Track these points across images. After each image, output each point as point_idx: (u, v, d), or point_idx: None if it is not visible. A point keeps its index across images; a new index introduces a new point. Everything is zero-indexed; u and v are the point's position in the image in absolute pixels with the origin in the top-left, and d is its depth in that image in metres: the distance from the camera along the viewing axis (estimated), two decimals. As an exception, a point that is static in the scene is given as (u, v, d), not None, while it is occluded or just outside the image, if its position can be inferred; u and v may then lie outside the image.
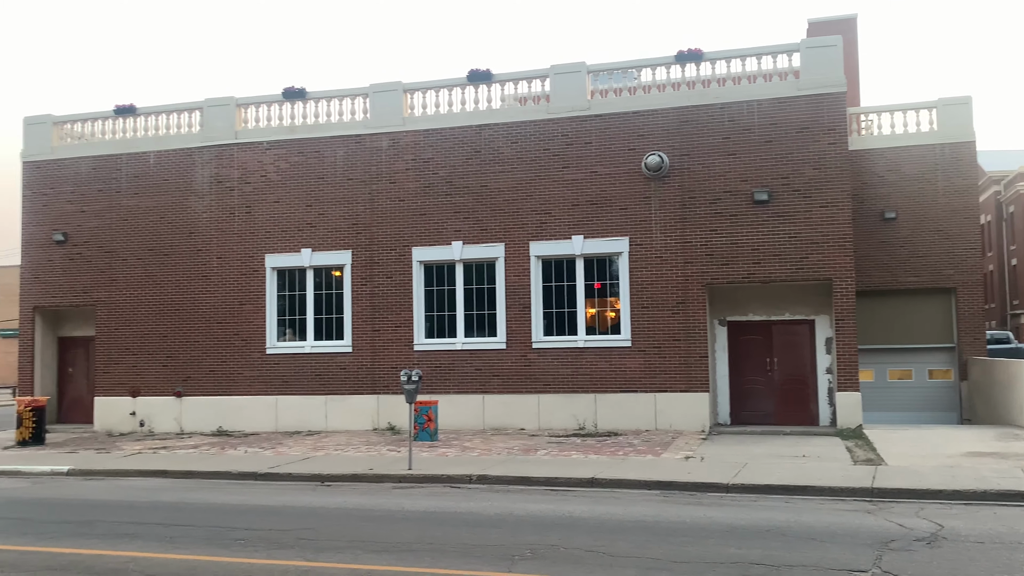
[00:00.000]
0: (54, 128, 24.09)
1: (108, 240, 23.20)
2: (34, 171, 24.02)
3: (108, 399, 22.93)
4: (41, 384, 23.99)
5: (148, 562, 8.56)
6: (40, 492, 13.91)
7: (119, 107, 23.48)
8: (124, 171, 23.22)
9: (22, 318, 24.23)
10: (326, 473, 14.47)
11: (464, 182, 20.92)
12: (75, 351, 24.59)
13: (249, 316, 22.14)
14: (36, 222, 23.88)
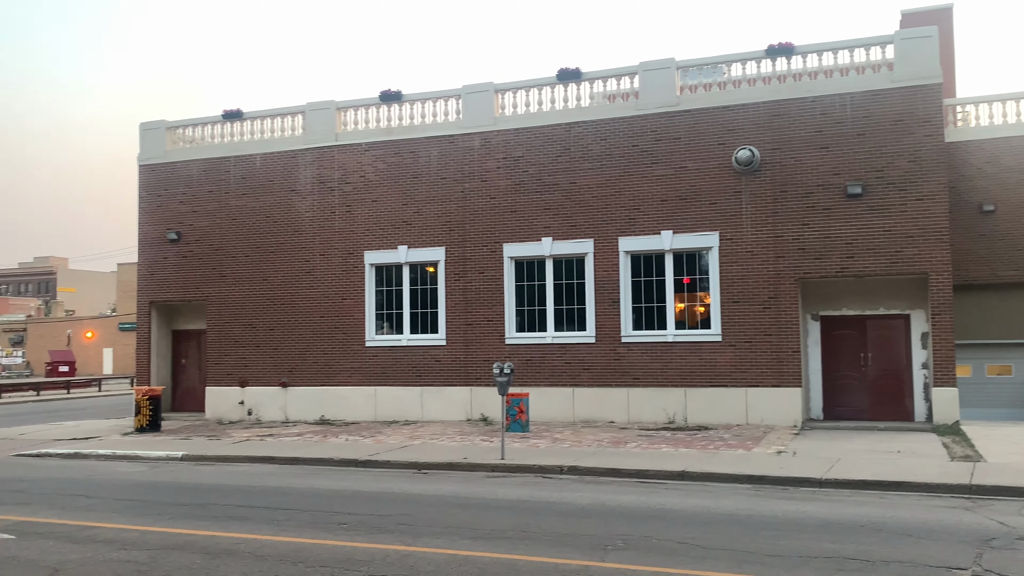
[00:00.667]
0: (167, 133, 25.08)
1: (218, 238, 24.04)
2: (149, 174, 25.06)
3: (218, 389, 23.79)
4: (157, 374, 25.03)
5: (258, 543, 8.86)
6: (157, 476, 14.53)
7: (227, 112, 24.30)
8: (232, 173, 24.02)
9: (139, 312, 25.32)
10: (422, 461, 14.70)
11: (554, 179, 20.93)
12: (188, 343, 25.58)
13: (349, 310, 22.65)
14: (151, 222, 24.91)
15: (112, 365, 72.30)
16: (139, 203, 25.15)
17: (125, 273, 74.33)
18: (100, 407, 33.51)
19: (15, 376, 68.79)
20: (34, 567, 8.01)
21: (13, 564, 8.14)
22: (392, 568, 7.76)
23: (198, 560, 8.16)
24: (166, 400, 24.43)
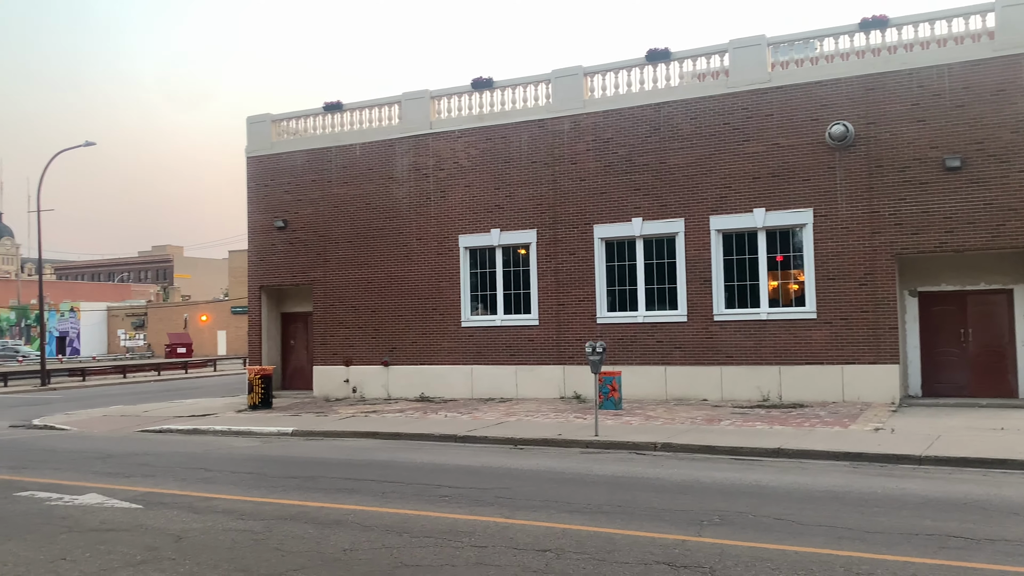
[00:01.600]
0: (272, 126, 25.77)
1: (322, 225, 24.62)
2: (257, 165, 25.81)
3: (325, 368, 24.44)
4: (267, 355, 25.87)
5: (365, 515, 9.08)
6: (269, 450, 15.03)
7: (328, 104, 24.80)
8: (334, 162, 24.54)
9: (250, 296, 26.18)
10: (518, 437, 14.79)
11: (643, 160, 20.66)
12: (295, 325, 26.34)
13: (445, 292, 22.91)
14: (260, 211, 25.68)
15: (226, 346, 75.09)
16: (248, 193, 25.94)
17: (236, 260, 76.97)
18: (215, 386, 34.87)
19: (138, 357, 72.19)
20: (160, 534, 8.39)
21: (141, 531, 8.55)
22: (493, 539, 7.84)
23: (310, 530, 8.41)
24: (276, 379, 25.24)
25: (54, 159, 39.45)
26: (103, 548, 7.89)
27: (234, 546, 7.86)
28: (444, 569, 6.96)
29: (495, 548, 7.55)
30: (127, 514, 9.42)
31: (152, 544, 7.98)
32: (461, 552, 7.44)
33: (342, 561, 7.27)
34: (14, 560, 7.53)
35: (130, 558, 7.51)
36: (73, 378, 41.63)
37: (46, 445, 16.49)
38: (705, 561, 6.98)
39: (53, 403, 27.96)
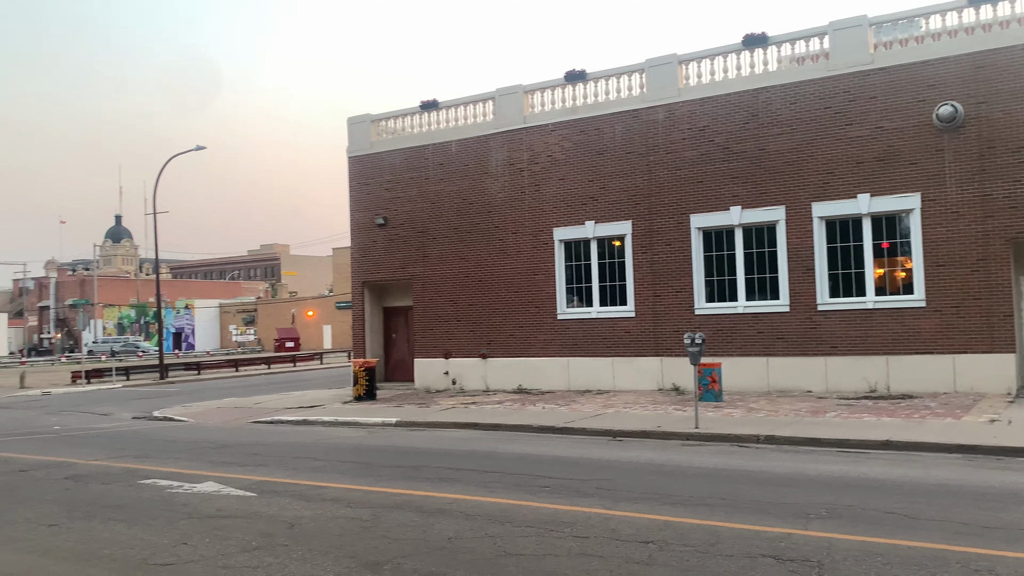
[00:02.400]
0: (372, 126, 26.28)
1: (420, 221, 25.00)
2: (357, 164, 26.39)
3: (425, 360, 24.83)
4: (371, 348, 26.44)
5: (467, 503, 9.18)
6: (375, 440, 15.37)
7: (424, 103, 25.14)
8: (431, 160, 24.87)
9: (353, 292, 26.81)
10: (617, 429, 14.70)
11: (741, 147, 20.19)
12: (397, 319, 26.83)
13: (541, 285, 22.94)
14: (361, 209, 26.25)
15: (331, 340, 77.21)
16: (349, 192, 26.54)
17: (340, 256, 78.97)
18: (322, 378, 35.88)
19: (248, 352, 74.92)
20: (273, 521, 8.68)
21: (256, 518, 8.87)
22: (594, 530, 7.82)
23: (415, 518, 8.56)
24: (379, 371, 25.78)
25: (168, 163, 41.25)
26: (220, 534, 8.21)
27: (343, 533, 8.08)
28: (547, 559, 6.98)
29: (597, 539, 7.52)
30: (242, 502, 9.79)
31: (266, 531, 8.27)
32: (563, 542, 7.45)
33: (447, 549, 7.38)
34: (140, 544, 7.92)
35: (246, 544, 7.79)
36: (189, 372, 43.54)
37: (166, 435, 17.29)
38: (812, 555, 6.79)
39: (171, 396, 29.29)
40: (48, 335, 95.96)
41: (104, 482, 11.49)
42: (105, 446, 15.68)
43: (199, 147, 39.51)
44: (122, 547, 7.83)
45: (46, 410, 25.03)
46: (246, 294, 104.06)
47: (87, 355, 63.49)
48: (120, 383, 37.44)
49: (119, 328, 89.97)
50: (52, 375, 46.97)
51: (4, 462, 13.79)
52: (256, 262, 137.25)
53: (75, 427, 19.76)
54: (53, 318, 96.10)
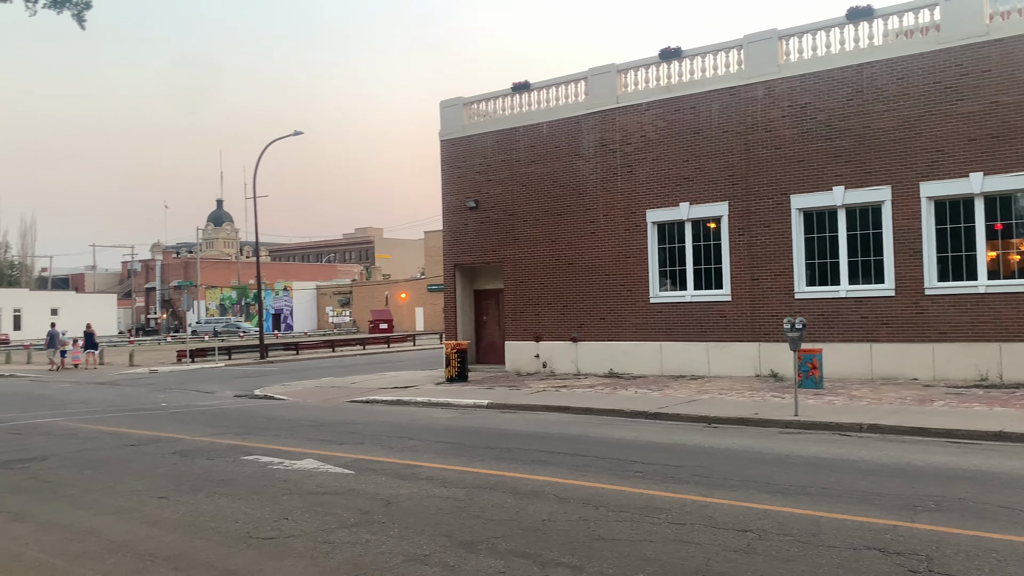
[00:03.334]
0: (464, 109, 26.44)
1: (511, 204, 25.07)
2: (450, 148, 26.62)
3: (516, 343, 24.96)
4: (462, 330, 26.72)
5: (560, 487, 9.20)
6: (467, 422, 15.55)
7: (516, 84, 25.14)
8: (522, 142, 24.88)
9: (445, 275, 27.12)
10: (712, 415, 14.48)
11: (844, 124, 19.50)
12: (488, 301, 27.04)
13: (633, 268, 22.73)
14: (453, 192, 26.49)
15: (423, 322, 78.41)
16: (441, 175, 26.81)
17: (431, 240, 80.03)
18: (414, 360, 36.50)
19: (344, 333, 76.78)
20: (371, 499, 8.89)
21: (353, 496, 9.09)
22: (690, 517, 7.73)
23: (509, 500, 8.63)
24: (471, 353, 26.03)
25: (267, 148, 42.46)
26: (320, 510, 8.45)
27: (438, 512, 8.21)
28: (642, 544, 6.94)
29: (693, 526, 7.44)
30: (340, 479, 10.06)
31: (363, 508, 8.47)
32: (658, 528, 7.39)
33: (540, 531, 7.41)
34: (244, 518, 8.22)
35: (344, 520, 8.00)
36: (287, 352, 44.91)
37: (266, 413, 17.89)
38: (921, 548, 6.55)
39: (271, 375, 30.28)
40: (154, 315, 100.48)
41: (209, 457, 11.98)
42: (209, 423, 16.34)
43: (297, 132, 40.54)
44: (227, 520, 8.14)
45: (154, 388, 26.23)
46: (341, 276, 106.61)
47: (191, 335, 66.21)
48: (223, 362, 38.91)
49: (221, 309, 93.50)
50: (158, 354, 49.18)
51: (117, 436, 14.52)
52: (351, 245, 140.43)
53: (181, 404, 20.65)
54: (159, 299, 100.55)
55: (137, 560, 6.90)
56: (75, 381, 30.02)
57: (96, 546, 7.37)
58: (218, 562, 6.78)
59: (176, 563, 6.79)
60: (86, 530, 7.92)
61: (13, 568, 6.80)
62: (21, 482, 10.45)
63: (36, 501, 9.28)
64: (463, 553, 6.81)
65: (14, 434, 15.18)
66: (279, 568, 6.59)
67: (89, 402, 21.61)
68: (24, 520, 8.42)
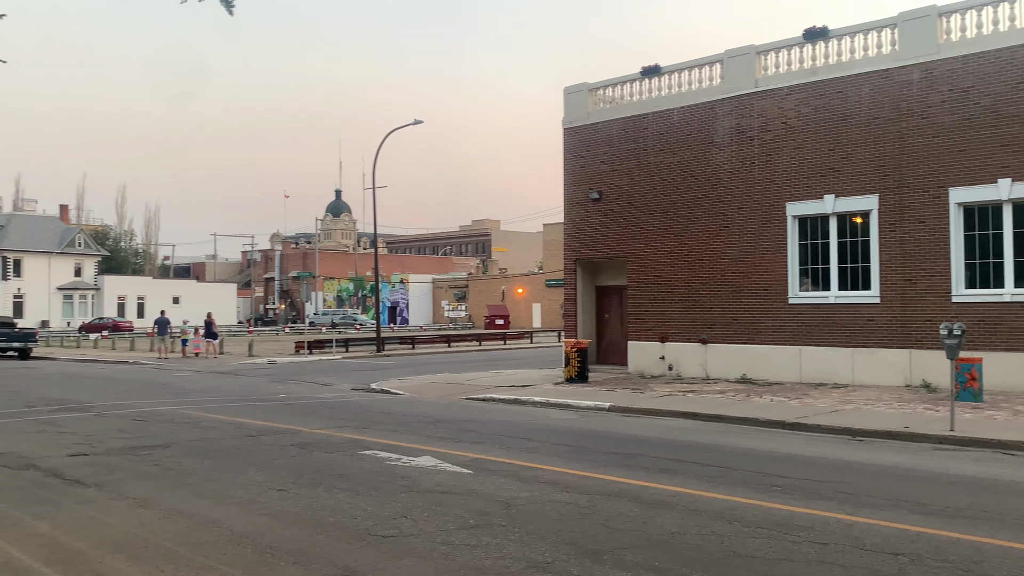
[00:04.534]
0: (589, 95, 26.35)
1: (636, 196, 24.83)
2: (573, 136, 26.58)
3: (639, 343, 24.72)
4: (582, 328, 26.67)
5: (689, 498, 9.04)
6: (587, 424, 15.50)
7: (645, 68, 24.86)
8: (650, 129, 24.58)
9: (565, 269, 27.13)
10: (856, 427, 13.94)
11: (1013, 110, 18.38)
12: (610, 299, 26.88)
13: (770, 265, 22.12)
14: (575, 182, 26.45)
15: (540, 319, 78.79)
16: (564, 165, 26.80)
17: (550, 233, 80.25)
18: (531, 358, 36.69)
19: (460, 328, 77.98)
20: (490, 500, 8.97)
21: (472, 496, 9.20)
22: (834, 536, 7.45)
23: (634, 509, 8.54)
24: (591, 353, 25.94)
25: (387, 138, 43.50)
26: (438, 509, 8.59)
27: (560, 518, 8.20)
28: (781, 564, 6.73)
29: (838, 546, 7.17)
30: (458, 478, 10.20)
31: (483, 509, 8.56)
32: (799, 547, 7.16)
33: (669, 544, 7.30)
34: (362, 514, 8.44)
35: (463, 521, 8.10)
36: (403, 346, 45.97)
37: (383, 408, 18.34)
38: (1104, 587, 6.10)
39: (387, 369, 31.05)
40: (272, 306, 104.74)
41: (327, 451, 12.37)
42: (327, 415, 16.88)
43: (416, 121, 41.35)
44: (345, 516, 8.38)
45: (272, 378, 27.32)
46: (457, 270, 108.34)
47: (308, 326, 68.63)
48: (339, 355, 40.17)
49: (338, 300, 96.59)
50: (277, 344, 51.23)
51: (236, 426, 15.19)
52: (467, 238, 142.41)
53: (299, 396, 21.43)
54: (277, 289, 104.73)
55: (258, 553, 7.19)
56: (195, 370, 31.61)
57: (218, 536, 7.72)
58: (338, 558, 6.98)
59: (296, 557, 7.02)
60: (208, 520, 8.31)
61: (140, 554, 7.19)
62: (146, 469, 11.06)
63: (160, 488, 9.80)
64: (587, 563, 6.77)
65: (139, 421, 16.09)
66: (399, 568, 6.73)
67: (209, 391, 22.71)
68: (149, 507, 8.89)
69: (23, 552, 7.29)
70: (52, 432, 14.54)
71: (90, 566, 6.89)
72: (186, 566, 6.84)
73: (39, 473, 10.80)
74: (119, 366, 35.10)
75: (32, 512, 8.68)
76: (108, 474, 10.67)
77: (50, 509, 8.83)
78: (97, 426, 15.29)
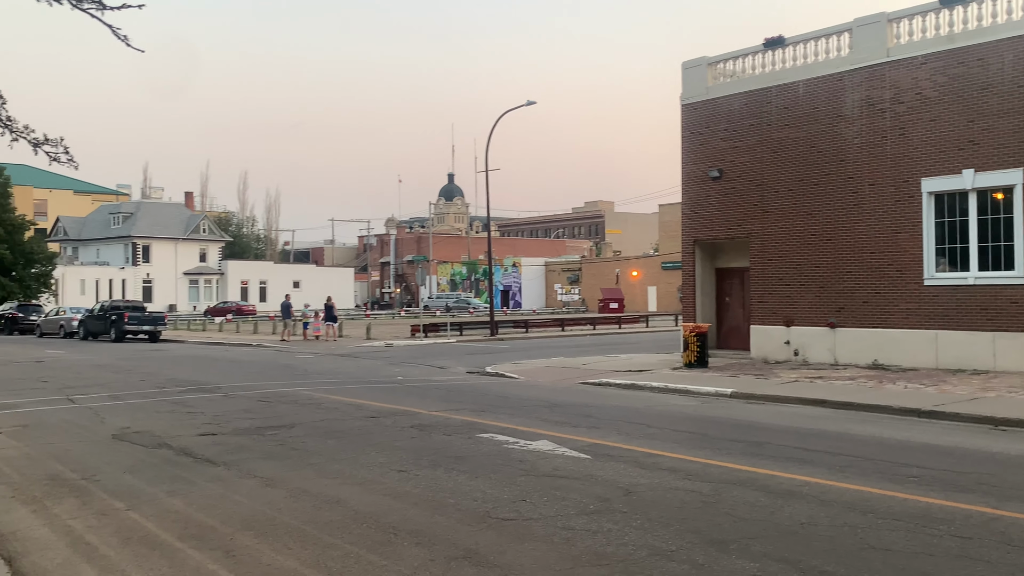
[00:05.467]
0: (708, 69, 25.79)
1: (759, 173, 24.20)
2: (691, 113, 26.09)
3: (763, 327, 24.15)
4: (701, 312, 26.23)
5: (820, 487, 8.80)
6: (708, 411, 15.28)
7: (768, 40, 24.15)
8: (773, 104, 23.89)
9: (683, 251, 26.72)
10: (999, 416, 13.28)
11: None
12: (730, 281, 26.34)
13: (903, 245, 21.22)
14: (694, 161, 25.97)
15: (656, 303, 77.99)
16: (682, 143, 26.36)
17: (667, 213, 79.24)
18: (647, 342, 36.37)
19: (573, 311, 77.97)
20: (609, 486, 8.95)
21: (591, 481, 9.21)
22: (977, 531, 7.13)
23: (761, 498, 8.37)
24: (711, 337, 25.46)
25: (499, 120, 43.76)
26: (557, 494, 8.63)
27: (683, 506, 8.12)
28: (920, 557, 6.49)
29: (981, 541, 6.86)
30: (576, 463, 10.22)
31: (602, 495, 8.55)
32: (939, 541, 6.88)
33: (799, 535, 7.13)
34: (482, 496, 8.56)
35: (583, 507, 8.11)
36: (517, 329, 46.31)
37: (498, 391, 18.54)
38: None
39: (501, 352, 31.34)
40: (388, 290, 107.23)
41: (446, 433, 12.59)
42: (443, 398, 17.18)
43: (530, 102, 41.40)
44: (465, 498, 8.51)
45: (389, 361, 27.98)
46: (570, 252, 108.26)
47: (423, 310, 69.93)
48: (454, 338, 40.80)
49: (451, 284, 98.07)
50: (392, 328, 52.40)
51: (357, 408, 15.63)
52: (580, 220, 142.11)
53: (415, 378, 21.88)
54: (392, 273, 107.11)
55: (381, 532, 7.38)
56: (316, 352, 32.66)
57: (342, 515, 7.96)
58: (459, 540, 7.10)
59: (418, 538, 7.19)
60: (332, 499, 8.58)
61: (268, 531, 7.50)
62: (272, 449, 11.51)
63: (286, 468, 10.18)
64: (713, 552, 6.69)
65: (263, 402, 16.75)
66: (520, 551, 6.80)
67: (329, 373, 23.44)
68: (276, 486, 9.25)
69: (159, 527, 7.70)
70: (182, 412, 15.29)
71: (221, 542, 7.22)
72: (312, 544, 7.09)
73: (171, 452, 11.38)
74: (243, 348, 36.62)
75: (166, 489, 9.15)
76: (236, 453, 11.15)
77: (183, 486, 9.29)
78: (224, 407, 16.00)
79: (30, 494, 9.05)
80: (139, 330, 42.67)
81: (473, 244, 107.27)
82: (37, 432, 13.16)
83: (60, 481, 9.64)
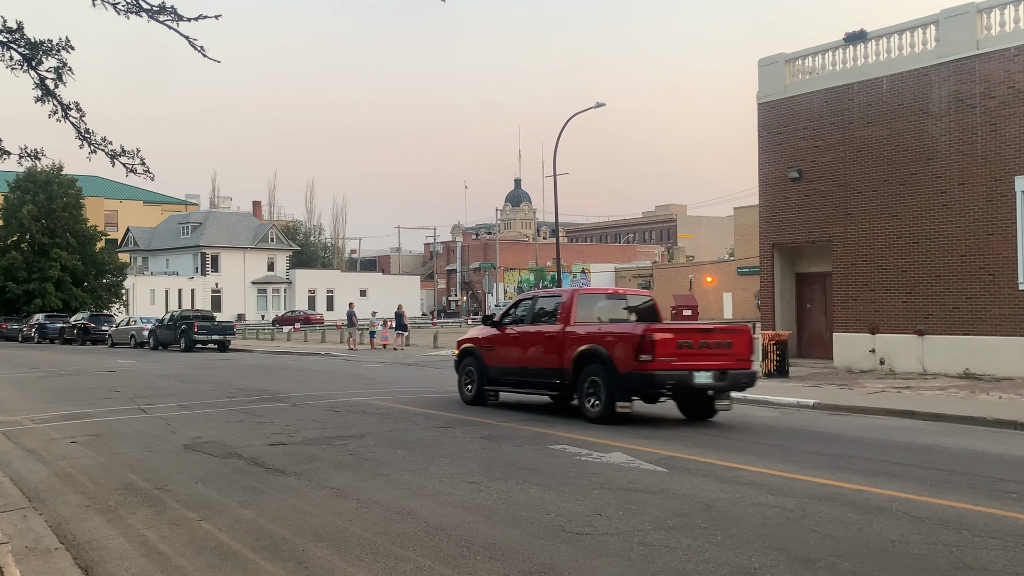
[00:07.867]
0: (786, 66, 25.43)
1: (841, 173, 23.74)
2: (768, 111, 25.74)
3: (846, 335, 23.65)
4: (780, 319, 25.82)
5: (911, 504, 8.58)
6: (789, 422, 15.02)
7: (849, 35, 23.72)
8: (856, 101, 23.44)
9: (761, 255, 26.34)
10: (1106, 429, 12.79)
11: None
12: (812, 287, 25.88)
13: (996, 247, 20.62)
14: (771, 161, 25.61)
15: (731, 309, 76.97)
16: (759, 143, 26.02)
17: (742, 217, 78.22)
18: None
19: (645, 319, 77.34)
20: (688, 501, 8.86)
21: (668, 496, 9.12)
22: (1085, 552, 6.87)
23: (848, 514, 8.19)
24: (791, 345, 25.03)
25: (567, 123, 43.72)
26: (633, 508, 8.56)
27: (766, 522, 7.99)
28: (1021, 579, 6.28)
29: (1089, 563, 6.60)
30: (652, 476, 10.13)
31: (681, 510, 8.46)
32: (1042, 562, 6.65)
33: (890, 553, 6.96)
34: (555, 510, 8.55)
35: (661, 522, 8.04)
36: (587, 338, 46.01)
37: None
38: None
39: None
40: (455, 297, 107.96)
41: (516, 444, 12.61)
42: (512, 408, 17.20)
43: (599, 104, 41.29)
44: (538, 511, 8.50)
45: (457, 370, 28.10)
46: (641, 258, 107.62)
47: (490, 318, 70.17)
48: (522, 347, 40.76)
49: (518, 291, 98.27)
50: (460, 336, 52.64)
51: (426, 418, 15.76)
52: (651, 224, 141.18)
53: (484, 388, 21.89)
54: (459, 281, 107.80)
55: (454, 545, 7.42)
56: (383, 361, 33.03)
57: (414, 527, 8.03)
58: (532, 554, 7.10)
59: (491, 551, 7.20)
60: (404, 511, 8.65)
61: (340, 543, 7.59)
62: (342, 459, 11.66)
63: (356, 478, 10.30)
64: (798, 570, 6.56)
65: (332, 411, 16.99)
66: (596, 567, 6.76)
67: (397, 382, 23.67)
68: (346, 497, 9.37)
69: (231, 538, 7.85)
70: (252, 422, 15.59)
71: (294, 553, 7.33)
72: (385, 556, 7.16)
73: (242, 462, 11.61)
74: (311, 357, 37.22)
75: (238, 499, 9.33)
76: (307, 463, 11.33)
77: (254, 497, 9.46)
78: (294, 416, 16.28)
79: (105, 503, 9.31)
80: (208, 339, 43.69)
81: (540, 250, 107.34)
82: (110, 441, 13.56)
83: (134, 491, 9.91)
